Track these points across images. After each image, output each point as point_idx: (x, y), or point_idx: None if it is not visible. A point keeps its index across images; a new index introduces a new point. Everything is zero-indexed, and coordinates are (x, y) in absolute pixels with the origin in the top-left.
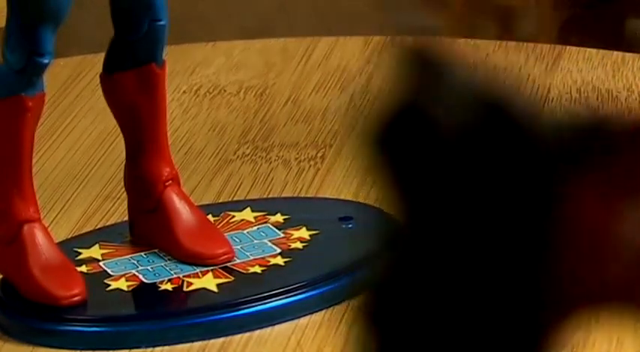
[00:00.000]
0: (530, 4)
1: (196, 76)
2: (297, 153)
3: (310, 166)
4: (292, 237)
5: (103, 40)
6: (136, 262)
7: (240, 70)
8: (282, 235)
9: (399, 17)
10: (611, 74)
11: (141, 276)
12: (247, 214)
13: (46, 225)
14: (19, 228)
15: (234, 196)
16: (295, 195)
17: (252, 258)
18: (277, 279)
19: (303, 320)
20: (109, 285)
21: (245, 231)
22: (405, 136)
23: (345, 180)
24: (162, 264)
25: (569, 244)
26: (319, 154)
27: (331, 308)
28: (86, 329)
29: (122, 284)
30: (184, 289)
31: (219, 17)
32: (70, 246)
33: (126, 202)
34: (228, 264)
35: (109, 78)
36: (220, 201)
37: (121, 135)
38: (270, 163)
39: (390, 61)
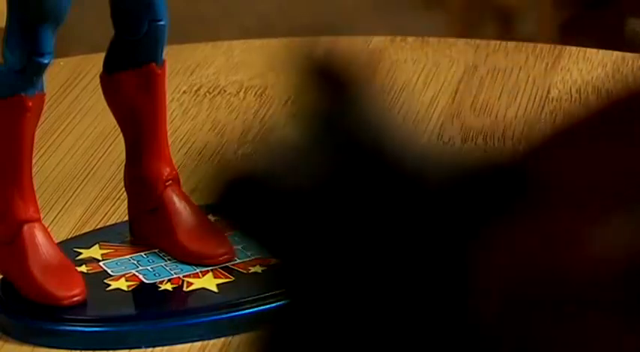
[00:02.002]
0: (530, 4)
1: (196, 76)
2: None
3: None
4: None
5: (103, 40)
6: (136, 262)
7: (240, 70)
8: None
9: (399, 17)
10: (611, 74)
11: (141, 276)
12: None
13: (46, 225)
14: (19, 228)
15: None
16: None
17: (252, 257)
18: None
19: None
20: (109, 285)
21: None
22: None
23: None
24: (163, 264)
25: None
26: None
27: None
28: (86, 329)
29: (122, 284)
30: (184, 289)
31: (220, 17)
32: (70, 246)
33: (126, 202)
34: (228, 264)
35: (109, 78)
36: None
37: (121, 135)
38: None
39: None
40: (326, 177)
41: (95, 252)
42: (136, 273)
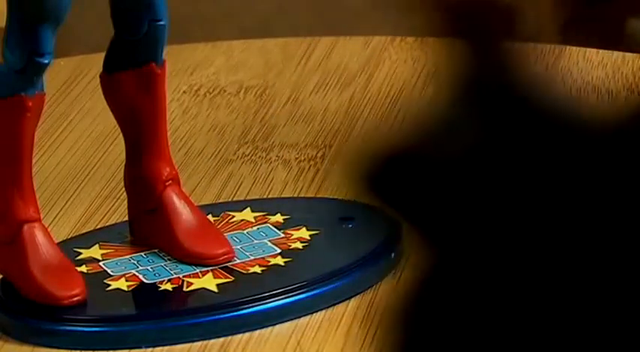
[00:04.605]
0: (530, 4)
1: (196, 76)
2: (297, 153)
3: (310, 166)
4: (292, 237)
5: (103, 40)
6: (136, 262)
7: (240, 70)
8: (282, 235)
9: (399, 17)
10: (611, 74)
11: (141, 276)
12: (247, 214)
13: (46, 225)
14: (19, 228)
15: (234, 196)
16: (295, 195)
17: (252, 258)
18: (277, 279)
19: (303, 320)
20: (109, 285)
21: (245, 231)
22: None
23: (345, 180)
24: (162, 264)
25: None
26: (319, 154)
27: (331, 308)
28: (86, 329)
29: (122, 284)
30: (184, 289)
31: (219, 17)
32: (70, 246)
33: (126, 202)
34: (228, 264)
35: (108, 78)
36: (220, 201)
37: (121, 135)
38: (270, 163)
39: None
40: (486, 137)
41: (95, 252)
42: (136, 273)
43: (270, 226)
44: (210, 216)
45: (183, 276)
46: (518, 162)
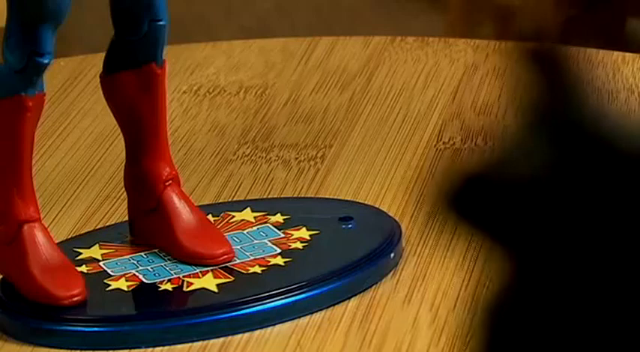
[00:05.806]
0: (531, 3)
1: (196, 76)
2: (297, 153)
3: (310, 166)
4: (292, 237)
5: (103, 40)
6: (136, 262)
7: (240, 70)
8: (282, 235)
9: (399, 17)
10: (611, 74)
11: (141, 276)
12: (247, 214)
13: (46, 225)
14: (19, 228)
15: (234, 196)
16: (295, 195)
17: (252, 258)
18: (277, 279)
19: (303, 320)
20: (109, 285)
21: (245, 231)
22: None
23: (345, 180)
24: (163, 264)
25: None
26: (319, 154)
27: (331, 308)
28: (86, 329)
29: (122, 284)
30: (184, 289)
31: (219, 17)
32: (70, 246)
33: (126, 202)
34: (228, 264)
35: (108, 78)
36: (220, 201)
37: (121, 135)
38: (270, 163)
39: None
40: (555, 165)
41: (95, 252)
42: (136, 273)
43: (270, 226)
44: (210, 216)
45: (183, 276)
46: (587, 184)
